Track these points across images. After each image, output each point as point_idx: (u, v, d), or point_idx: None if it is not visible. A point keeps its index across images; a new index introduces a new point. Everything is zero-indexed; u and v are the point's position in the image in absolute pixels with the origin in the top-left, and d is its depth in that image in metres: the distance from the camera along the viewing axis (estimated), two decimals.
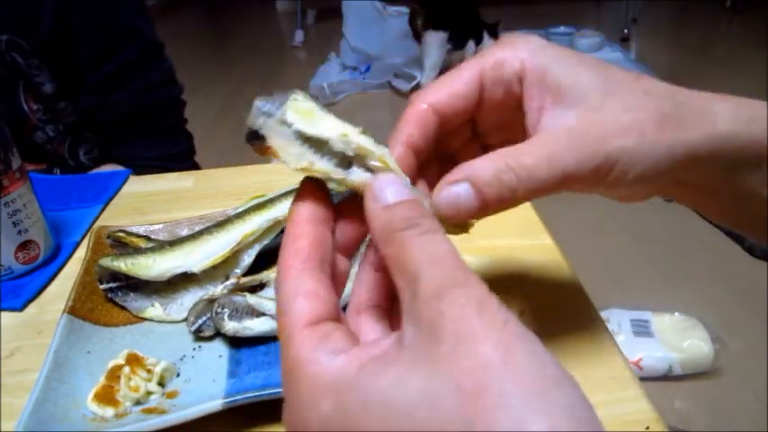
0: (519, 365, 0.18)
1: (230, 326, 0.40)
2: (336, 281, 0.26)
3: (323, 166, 0.25)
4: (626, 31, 3.41)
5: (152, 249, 0.45)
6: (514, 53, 0.29)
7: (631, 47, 3.36)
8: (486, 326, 0.18)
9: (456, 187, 0.27)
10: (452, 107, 0.29)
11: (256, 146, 0.26)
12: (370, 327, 0.26)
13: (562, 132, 0.28)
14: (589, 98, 0.28)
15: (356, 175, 0.26)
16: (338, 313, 0.24)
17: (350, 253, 0.28)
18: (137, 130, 0.91)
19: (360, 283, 0.27)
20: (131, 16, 0.88)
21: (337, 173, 0.26)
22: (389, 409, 0.18)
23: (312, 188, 0.26)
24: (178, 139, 0.97)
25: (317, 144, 0.26)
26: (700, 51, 3.30)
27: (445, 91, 0.29)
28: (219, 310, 0.40)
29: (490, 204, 0.27)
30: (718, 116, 0.29)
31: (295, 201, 0.26)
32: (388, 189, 0.24)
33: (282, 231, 0.47)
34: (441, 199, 0.27)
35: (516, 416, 0.17)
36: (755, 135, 0.29)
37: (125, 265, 0.43)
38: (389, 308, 0.27)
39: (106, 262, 0.44)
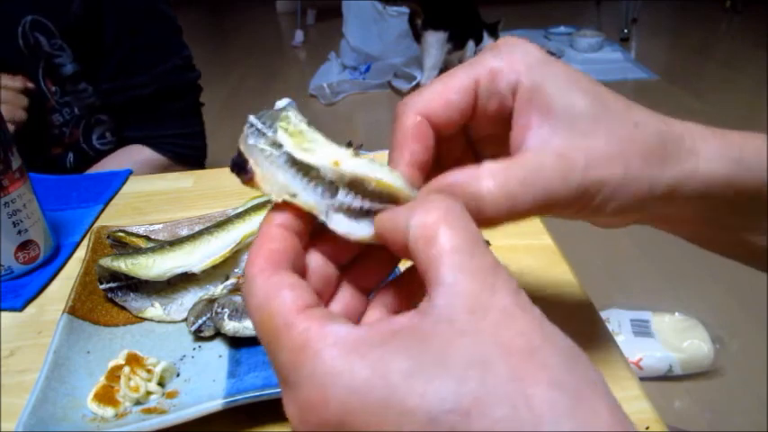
0: (555, 336, 0.20)
1: (230, 326, 0.40)
2: (323, 287, 0.25)
3: (307, 200, 0.25)
4: (626, 31, 3.41)
5: (152, 249, 0.45)
6: (511, 65, 0.28)
7: (631, 47, 3.36)
8: (525, 305, 0.20)
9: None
10: (447, 118, 0.28)
11: (242, 177, 0.25)
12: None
13: (546, 156, 0.27)
14: (578, 123, 0.27)
15: (337, 224, 0.25)
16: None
17: (340, 262, 0.27)
18: (153, 112, 0.93)
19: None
20: (156, 0, 0.91)
21: (321, 208, 0.25)
22: (439, 375, 0.18)
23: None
24: (192, 121, 0.99)
25: (307, 168, 0.25)
26: (700, 51, 3.30)
27: (439, 100, 0.28)
28: (219, 310, 0.40)
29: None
30: (702, 156, 0.29)
31: (272, 208, 0.25)
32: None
33: None
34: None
35: (560, 378, 0.18)
36: (739, 177, 0.29)
37: (125, 265, 0.43)
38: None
39: (106, 262, 0.44)
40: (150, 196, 0.64)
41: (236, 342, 0.41)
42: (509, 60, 0.28)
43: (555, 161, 0.27)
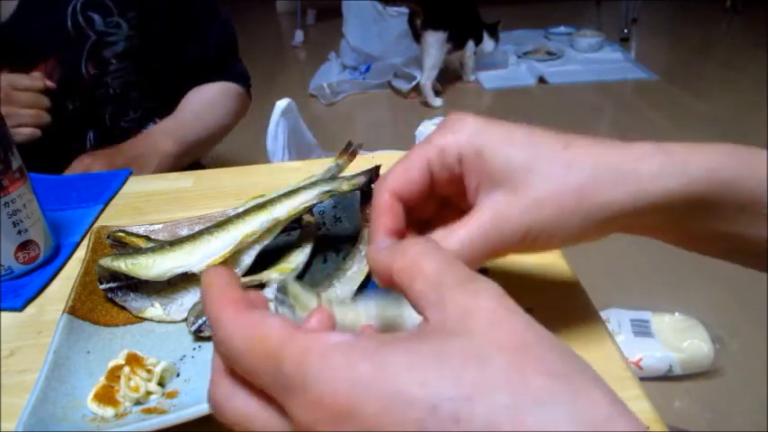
0: (547, 337, 0.21)
1: None
2: None
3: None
4: (626, 31, 3.41)
5: (152, 249, 0.45)
6: (454, 138, 0.33)
7: (631, 47, 3.36)
8: (510, 308, 0.22)
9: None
10: (410, 192, 0.34)
11: None
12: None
13: (484, 214, 0.32)
14: (515, 177, 0.32)
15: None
16: None
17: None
18: (222, 65, 1.01)
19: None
20: None
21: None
22: (439, 365, 0.19)
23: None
24: (236, 65, 1.06)
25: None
26: (700, 51, 3.30)
27: (401, 180, 0.34)
28: None
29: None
30: (645, 175, 0.31)
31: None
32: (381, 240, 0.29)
33: (282, 231, 0.47)
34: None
35: (557, 370, 0.19)
36: (691, 188, 0.31)
37: (125, 265, 0.43)
38: None
39: (106, 262, 0.44)
40: (150, 196, 0.64)
41: None
42: (452, 134, 0.34)
43: (491, 217, 0.32)
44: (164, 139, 0.89)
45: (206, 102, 0.97)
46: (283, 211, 0.46)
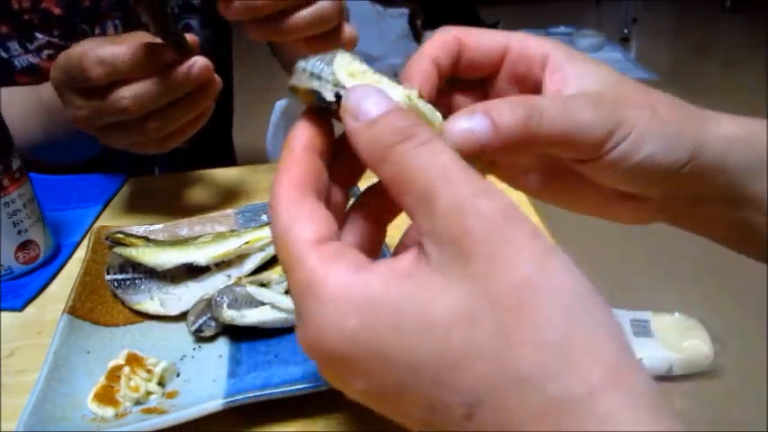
0: (556, 281, 0.19)
1: (228, 314, 0.40)
2: (333, 213, 0.25)
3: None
4: (626, 31, 3.41)
5: (161, 243, 0.46)
6: (540, 44, 0.30)
7: (631, 47, 3.36)
8: (517, 238, 0.19)
9: (471, 117, 0.26)
10: (477, 51, 0.30)
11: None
12: None
13: (580, 93, 0.28)
14: (607, 81, 0.29)
15: None
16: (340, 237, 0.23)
17: (347, 186, 0.27)
18: None
19: (349, 229, 0.26)
20: None
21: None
22: (424, 329, 0.19)
23: (314, 118, 0.25)
24: None
25: None
26: (700, 51, 3.30)
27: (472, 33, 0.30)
28: (219, 299, 0.40)
29: (503, 135, 0.26)
30: (722, 120, 0.30)
31: (295, 127, 0.25)
32: (366, 102, 0.23)
33: None
34: (454, 128, 0.25)
35: (550, 338, 0.18)
36: (756, 141, 0.30)
37: (135, 251, 0.44)
38: (375, 251, 0.27)
39: (120, 250, 0.45)
40: (150, 196, 0.64)
41: (237, 342, 0.41)
42: (538, 41, 0.30)
43: (586, 97, 0.28)
44: None
45: None
46: None
